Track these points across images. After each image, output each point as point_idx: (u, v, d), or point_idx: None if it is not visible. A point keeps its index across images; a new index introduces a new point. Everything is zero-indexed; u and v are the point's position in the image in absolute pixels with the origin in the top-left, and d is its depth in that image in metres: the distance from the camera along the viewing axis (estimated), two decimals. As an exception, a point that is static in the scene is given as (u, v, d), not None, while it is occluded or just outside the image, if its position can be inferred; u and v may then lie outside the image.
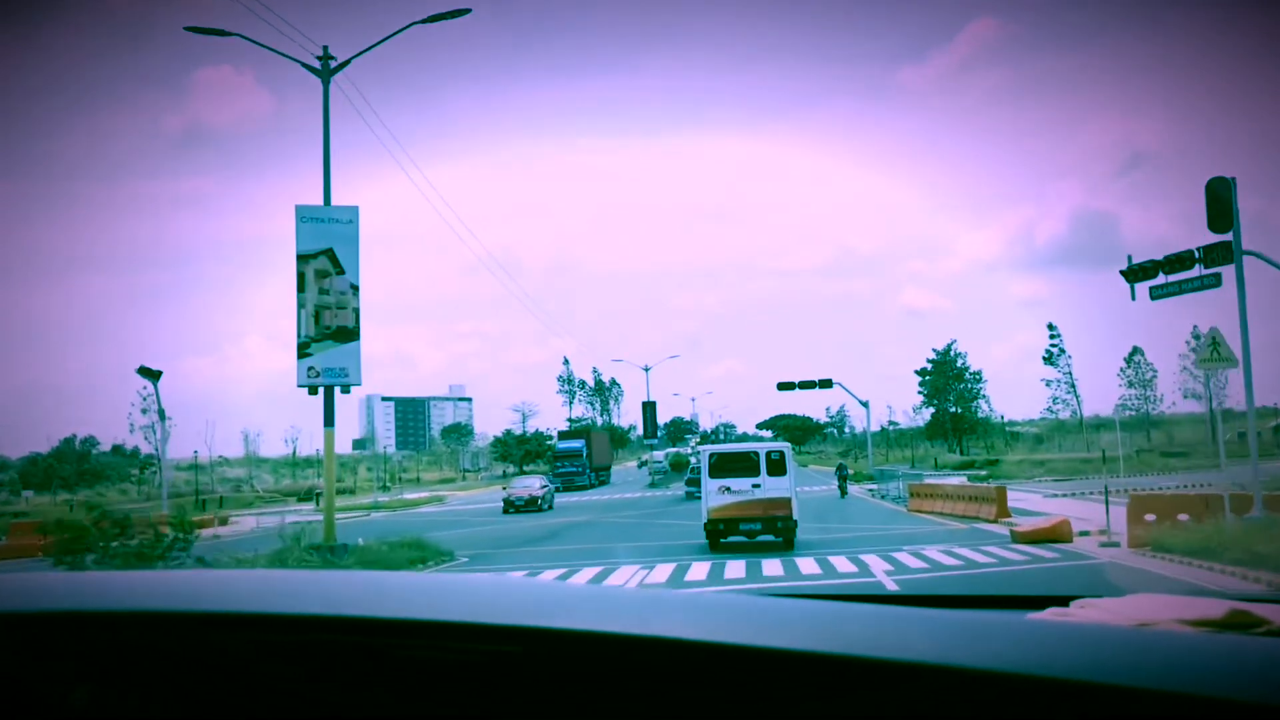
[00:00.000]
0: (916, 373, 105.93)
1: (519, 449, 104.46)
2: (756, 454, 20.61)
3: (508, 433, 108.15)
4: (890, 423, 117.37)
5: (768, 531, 20.32)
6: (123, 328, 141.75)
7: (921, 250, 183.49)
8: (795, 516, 20.43)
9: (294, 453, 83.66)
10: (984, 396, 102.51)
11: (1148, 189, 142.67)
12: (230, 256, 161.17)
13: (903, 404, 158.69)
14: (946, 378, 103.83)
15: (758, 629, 0.97)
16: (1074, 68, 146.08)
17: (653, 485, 66.12)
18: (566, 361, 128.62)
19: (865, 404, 65.35)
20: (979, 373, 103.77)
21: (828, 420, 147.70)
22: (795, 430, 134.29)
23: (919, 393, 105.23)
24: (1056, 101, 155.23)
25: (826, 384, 64.70)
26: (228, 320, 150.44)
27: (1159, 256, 19.80)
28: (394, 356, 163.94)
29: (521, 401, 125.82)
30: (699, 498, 22.47)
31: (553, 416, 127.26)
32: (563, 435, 74.87)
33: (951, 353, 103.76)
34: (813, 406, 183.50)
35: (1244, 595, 1.39)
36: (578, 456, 65.91)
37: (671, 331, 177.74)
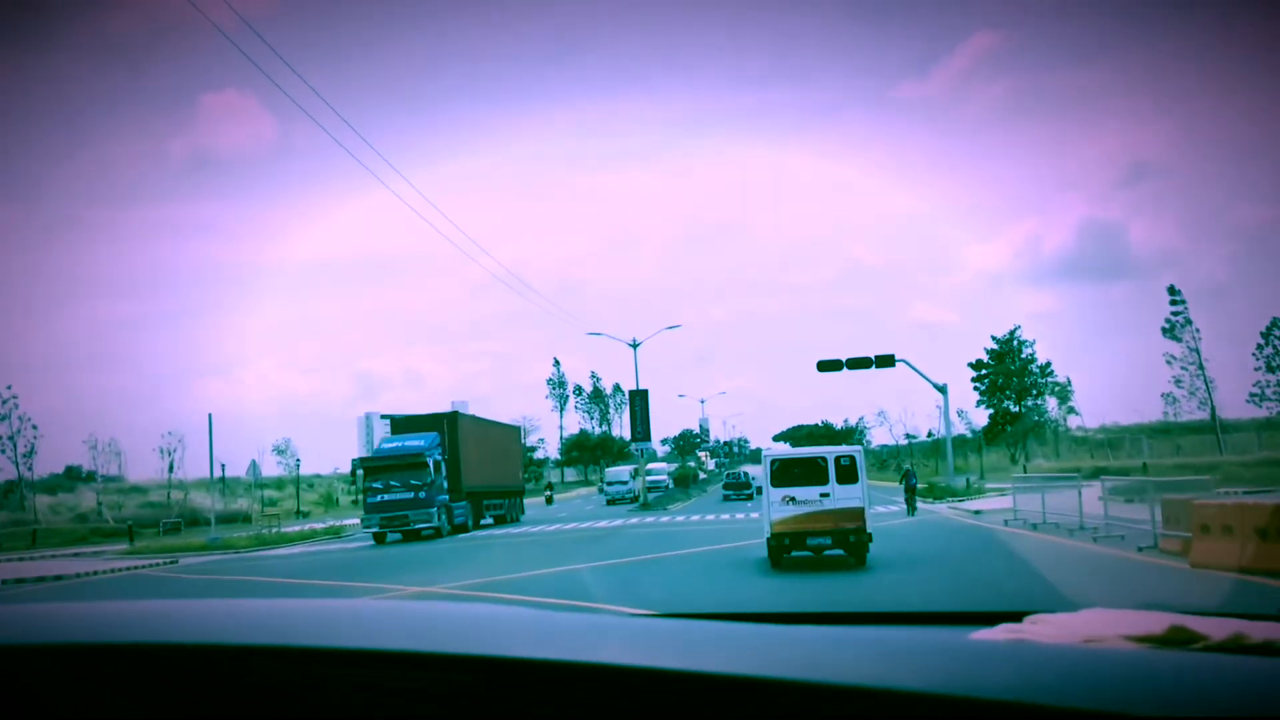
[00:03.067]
0: (971, 365, 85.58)
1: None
2: (825, 459, 17.12)
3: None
4: (908, 435, 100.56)
5: (838, 546, 17.04)
6: (134, 351, 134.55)
7: (929, 264, 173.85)
8: (869, 529, 16.93)
9: (170, 466, 64.55)
10: (1055, 393, 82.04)
11: (1153, 199, 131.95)
12: (238, 280, 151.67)
13: (923, 415, 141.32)
14: (1008, 372, 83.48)
15: (697, 654, 0.96)
16: (1075, 78, 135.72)
17: (645, 508, 45.92)
18: (557, 363, 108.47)
19: (942, 388, 45.11)
20: (1047, 365, 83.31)
21: (843, 429, 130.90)
22: (819, 441, 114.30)
23: (975, 389, 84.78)
24: (1059, 112, 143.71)
25: (887, 361, 44.43)
26: (237, 343, 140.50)
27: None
28: (404, 376, 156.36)
29: (522, 416, 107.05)
30: (737, 500, 23.03)
31: (553, 431, 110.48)
32: (396, 426, 37.57)
33: (1015, 341, 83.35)
34: (834, 412, 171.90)
35: (1189, 609, 1.30)
36: (418, 468, 32.89)
37: (679, 347, 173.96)
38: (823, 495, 16.78)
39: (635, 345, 47.14)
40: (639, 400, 47.26)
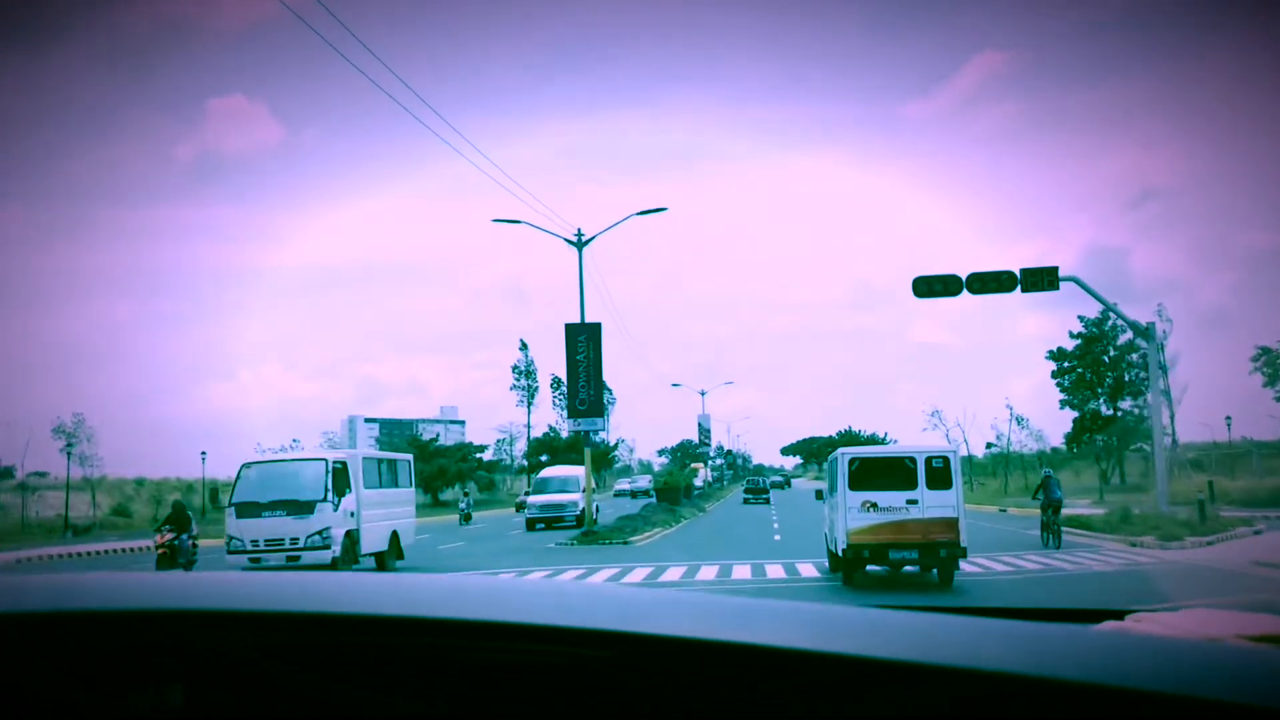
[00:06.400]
0: (1050, 356, 64.14)
1: (431, 464, 62.74)
2: (914, 460, 14.60)
3: (414, 439, 66.93)
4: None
5: (925, 562, 14.59)
6: (137, 353, 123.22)
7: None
8: (964, 542, 14.24)
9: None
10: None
11: (1159, 224, 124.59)
12: (243, 284, 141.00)
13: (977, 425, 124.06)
14: (1099, 363, 62.03)
15: (840, 637, 0.95)
16: (1082, 100, 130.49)
17: (589, 539, 24.51)
18: (524, 346, 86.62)
19: (1147, 330, 23.65)
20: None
21: (868, 438, 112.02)
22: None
23: (1057, 385, 63.29)
24: (1065, 135, 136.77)
25: (1043, 281, 23.09)
26: (239, 345, 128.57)
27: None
28: (406, 383, 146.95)
29: (509, 422, 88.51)
30: (755, 503, 21.08)
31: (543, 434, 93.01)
32: None
33: (1109, 324, 61.77)
34: (866, 420, 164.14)
35: None
36: None
37: (683, 362, 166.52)
38: (910, 502, 14.39)
39: (581, 243, 25.72)
40: (584, 341, 25.37)
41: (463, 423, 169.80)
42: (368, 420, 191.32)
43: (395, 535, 20.57)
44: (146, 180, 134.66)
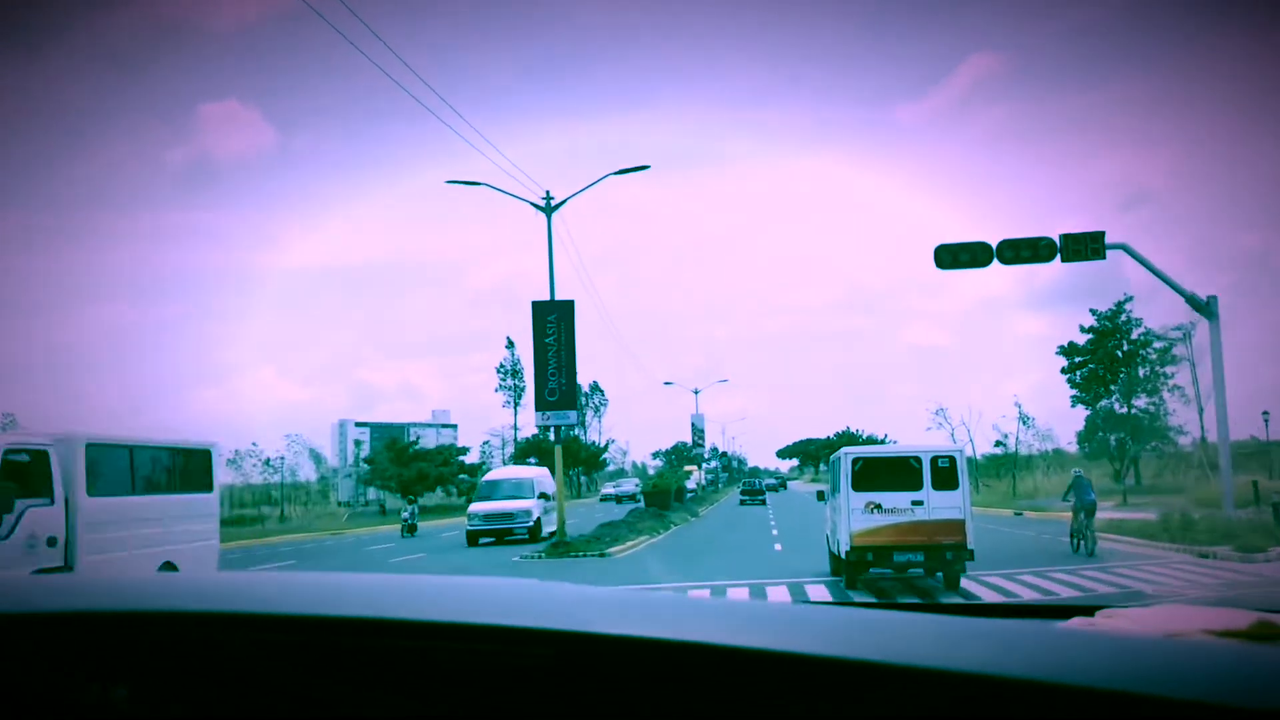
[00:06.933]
0: (1060, 351, 60.88)
1: (410, 468, 59.26)
2: (919, 459, 14.17)
3: (393, 441, 63.42)
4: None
5: (931, 565, 14.06)
6: (131, 357, 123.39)
7: (927, 286, 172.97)
8: (971, 544, 13.76)
9: None
10: (1177, 389, 57.02)
11: (1152, 226, 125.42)
12: (238, 288, 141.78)
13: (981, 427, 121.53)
14: (1113, 358, 58.72)
15: (794, 635, 0.93)
16: (1076, 102, 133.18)
17: (559, 551, 21.01)
18: (511, 344, 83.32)
19: (1207, 305, 20.11)
20: (1169, 347, 58.20)
21: (865, 439, 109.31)
22: (830, 454, 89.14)
23: (1069, 381, 60.01)
24: (1059, 136, 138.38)
25: (1087, 250, 19.54)
26: (233, 350, 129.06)
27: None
28: (400, 388, 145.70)
29: (500, 426, 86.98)
30: (752, 504, 21.18)
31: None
32: None
33: (1124, 316, 58.53)
34: (863, 422, 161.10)
35: (1269, 606, 1.28)
36: None
37: (679, 364, 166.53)
38: (915, 504, 13.92)
39: (550, 208, 22.39)
40: (553, 321, 21.96)
41: (454, 427, 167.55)
42: (358, 424, 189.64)
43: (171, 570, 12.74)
44: (141, 185, 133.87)
